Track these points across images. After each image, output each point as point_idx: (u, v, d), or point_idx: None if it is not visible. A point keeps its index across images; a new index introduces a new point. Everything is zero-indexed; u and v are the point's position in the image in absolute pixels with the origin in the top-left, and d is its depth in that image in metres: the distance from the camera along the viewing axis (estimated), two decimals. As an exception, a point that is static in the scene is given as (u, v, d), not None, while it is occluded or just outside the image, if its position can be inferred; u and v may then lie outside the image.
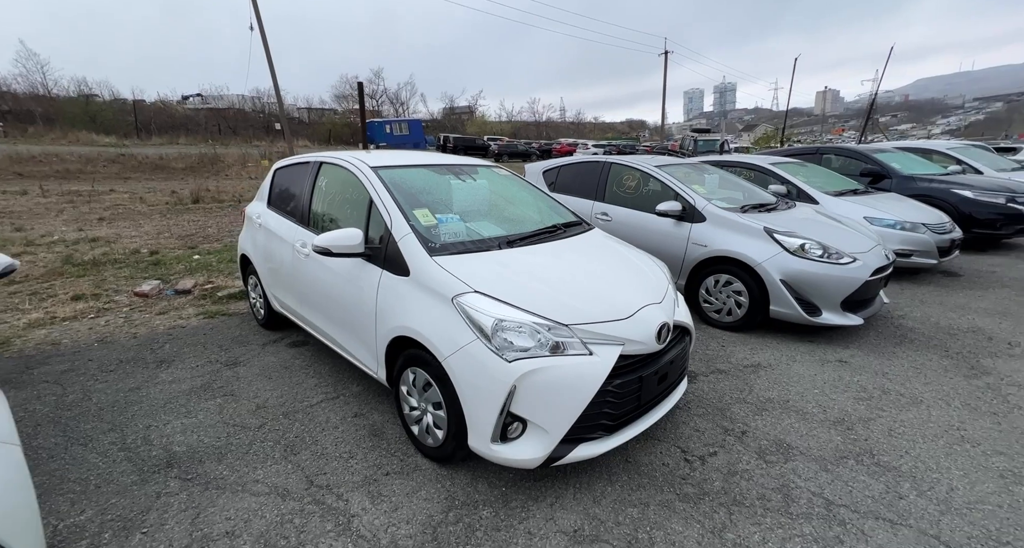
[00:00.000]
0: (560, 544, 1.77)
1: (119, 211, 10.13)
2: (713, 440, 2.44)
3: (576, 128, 72.28)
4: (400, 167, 2.81)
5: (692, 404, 2.79)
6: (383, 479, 2.12)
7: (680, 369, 2.42)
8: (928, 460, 2.26)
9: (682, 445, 2.40)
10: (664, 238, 4.26)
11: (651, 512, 1.94)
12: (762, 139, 40.86)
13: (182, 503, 1.97)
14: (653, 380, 2.13)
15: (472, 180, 3.00)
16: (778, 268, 3.60)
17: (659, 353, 2.17)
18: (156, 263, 5.99)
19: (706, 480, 2.14)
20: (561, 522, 1.88)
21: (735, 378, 3.11)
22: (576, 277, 2.29)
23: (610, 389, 1.93)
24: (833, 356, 3.43)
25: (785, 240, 3.66)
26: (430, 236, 2.33)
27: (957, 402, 2.80)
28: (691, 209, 4.12)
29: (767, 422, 2.60)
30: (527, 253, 2.42)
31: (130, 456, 2.29)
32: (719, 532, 1.84)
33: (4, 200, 11.01)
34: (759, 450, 2.35)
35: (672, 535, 1.82)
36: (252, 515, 1.90)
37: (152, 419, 2.61)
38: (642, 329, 2.06)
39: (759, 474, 2.18)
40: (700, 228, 4.05)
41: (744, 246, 3.77)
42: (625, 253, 2.75)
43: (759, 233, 3.76)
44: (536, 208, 3.12)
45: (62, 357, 3.44)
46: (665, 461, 2.27)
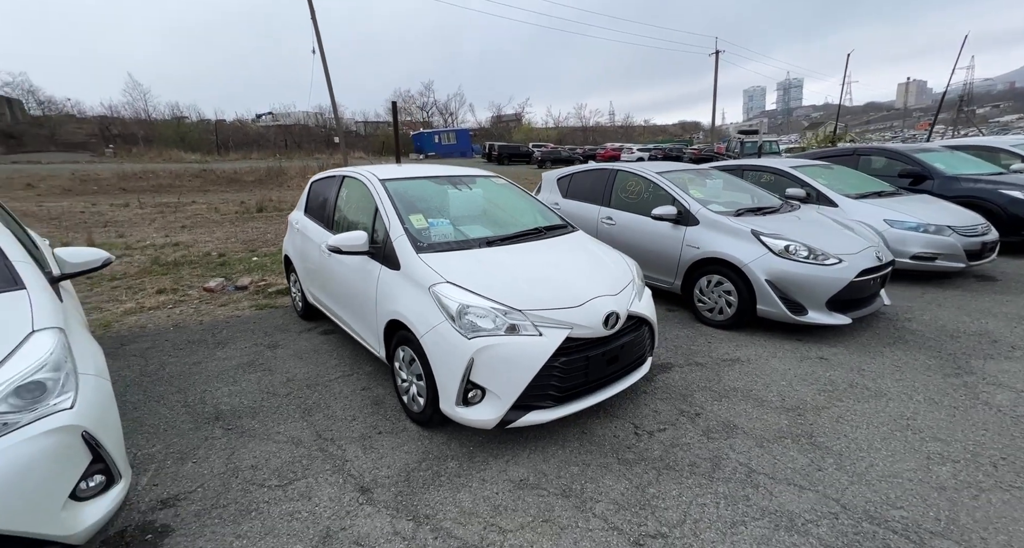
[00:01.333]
0: (506, 489, 2.17)
1: (197, 220, 11.52)
2: (667, 419, 2.73)
3: (624, 132, 71.49)
4: (405, 179, 3.33)
5: (659, 390, 3.07)
6: (375, 436, 2.61)
7: (637, 354, 2.74)
8: (862, 442, 2.44)
9: (636, 422, 2.71)
10: (662, 240, 4.51)
11: (590, 470, 2.29)
12: (819, 138, 38.51)
13: (223, 445, 2.55)
14: (601, 361, 2.47)
15: (468, 189, 3.47)
16: (764, 269, 3.77)
17: (609, 338, 2.51)
18: (222, 264, 6.92)
19: (647, 449, 2.45)
20: (511, 473, 2.27)
21: (709, 370, 3.34)
22: (540, 271, 2.68)
23: (556, 365, 2.31)
24: (815, 353, 3.56)
25: (771, 242, 3.83)
26: (420, 237, 2.81)
27: (920, 396, 2.90)
28: (686, 213, 4.36)
29: (723, 407, 2.84)
30: (502, 251, 2.84)
31: (189, 411, 2.92)
32: (643, 487, 2.16)
33: (111, 211, 12.79)
34: (706, 429, 2.62)
35: (602, 487, 2.16)
36: (272, 456, 2.44)
37: (207, 385, 3.26)
38: (590, 316, 2.42)
39: (697, 447, 2.45)
40: (694, 231, 4.28)
41: (732, 248, 3.97)
42: (596, 252, 3.10)
43: (747, 235, 3.95)
44: (524, 213, 3.53)
45: (146, 337, 4.23)
46: (616, 433, 2.60)
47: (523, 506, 2.05)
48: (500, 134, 53.81)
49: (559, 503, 2.07)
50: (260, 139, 43.01)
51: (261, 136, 44.44)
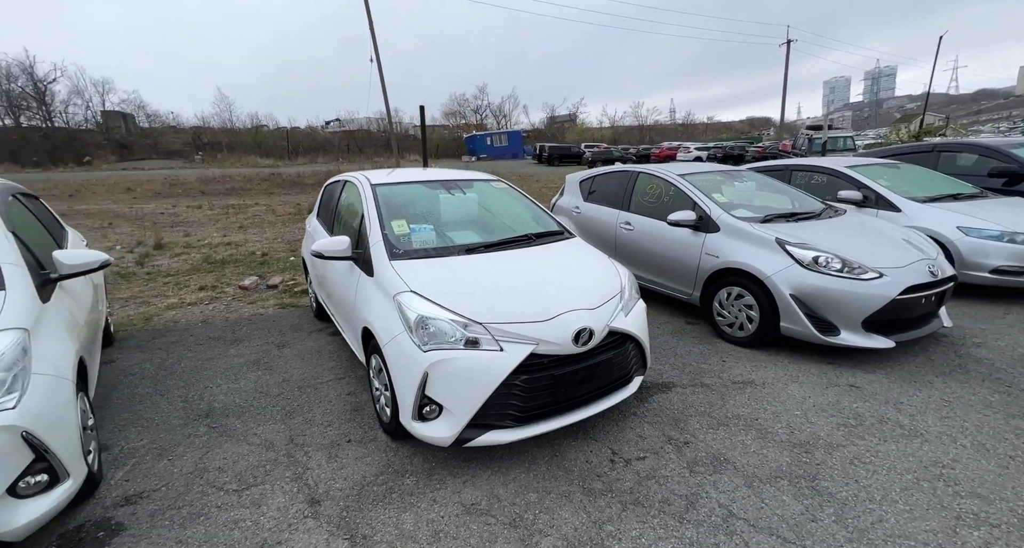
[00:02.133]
0: (453, 513, 2.05)
1: (255, 220, 12.33)
2: (650, 446, 2.48)
3: (685, 130, 68.33)
4: (396, 184, 3.29)
5: (651, 412, 2.82)
6: (344, 445, 2.57)
7: (620, 373, 2.52)
8: (876, 491, 2.08)
9: (615, 447, 2.48)
10: (680, 247, 4.19)
11: (549, 499, 2.11)
12: (901, 133, 34.60)
13: (201, 443, 2.62)
14: (571, 380, 2.29)
15: (462, 194, 3.38)
16: (788, 282, 3.38)
17: (581, 355, 2.32)
18: (263, 263, 7.32)
19: (619, 479, 2.23)
20: (465, 496, 2.15)
21: (714, 393, 3.03)
22: (513, 281, 2.53)
23: (516, 383, 2.16)
24: (845, 380, 3.13)
25: (797, 252, 3.42)
26: (397, 243, 2.75)
27: (967, 440, 2.44)
28: (706, 218, 4.01)
29: (718, 437, 2.55)
30: (481, 259, 2.72)
31: (186, 406, 3.05)
32: (601, 524, 1.95)
33: (186, 213, 14.01)
34: (691, 461, 2.35)
35: (556, 520, 1.99)
36: (240, 458, 2.47)
37: (210, 382, 3.39)
38: (559, 332, 2.24)
39: (676, 481, 2.20)
40: (714, 238, 3.93)
41: (754, 258, 3.59)
42: (584, 261, 2.90)
43: (771, 244, 3.55)
44: (517, 219, 3.38)
45: (176, 332, 4.52)
46: (590, 459, 2.39)
47: (464, 534, 1.92)
48: (552, 135, 53.45)
49: (504, 534, 1.92)
50: (326, 144, 45.61)
51: (327, 141, 47.12)
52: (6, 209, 2.51)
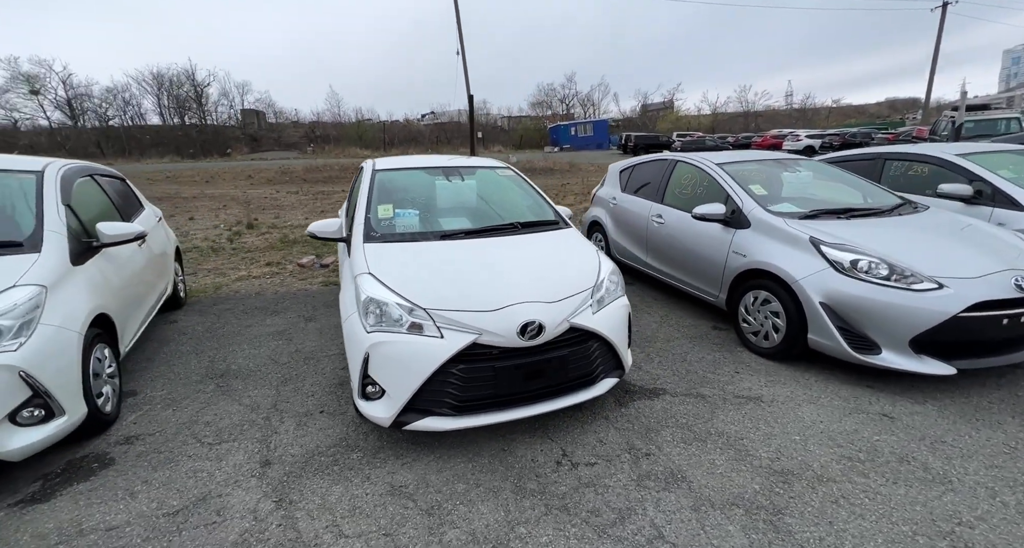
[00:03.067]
0: (378, 492, 2.08)
1: (336, 205, 13.41)
2: (606, 453, 2.31)
3: (802, 116, 60.40)
4: (397, 169, 3.38)
5: (625, 417, 2.62)
6: (316, 415, 2.73)
7: (580, 371, 2.37)
8: (849, 539, 1.73)
9: (569, 449, 2.35)
10: (708, 244, 3.80)
11: (475, 492, 2.06)
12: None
13: (204, 399, 2.94)
14: (516, 374, 2.20)
15: (460, 180, 3.37)
16: (819, 288, 2.91)
17: (529, 349, 2.21)
18: (325, 243, 7.95)
19: (557, 482, 2.11)
20: (398, 477, 2.17)
21: (706, 405, 2.73)
22: (474, 269, 2.48)
23: (453, 372, 2.12)
24: (878, 408, 2.65)
25: (833, 254, 2.93)
26: (377, 226, 2.82)
27: (1011, 497, 1.94)
28: (737, 213, 3.59)
29: (687, 452, 2.29)
30: (452, 246, 2.70)
31: (208, 366, 3.43)
32: (514, 524, 1.87)
33: (284, 197, 15.66)
34: (644, 474, 2.15)
35: (473, 513, 1.94)
36: (227, 416, 2.73)
37: (237, 346, 3.78)
38: (503, 323, 2.16)
39: (616, 492, 2.03)
40: (743, 235, 3.51)
41: (782, 258, 3.15)
42: (564, 253, 2.76)
43: (803, 243, 3.08)
44: (511, 207, 3.30)
45: (233, 300, 5.09)
46: (537, 457, 2.29)
47: (378, 513, 1.95)
48: (643, 124, 51.05)
49: (415, 520, 1.91)
50: (419, 136, 48.10)
51: (420, 133, 49.68)
52: (67, 187, 2.98)
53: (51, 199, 2.76)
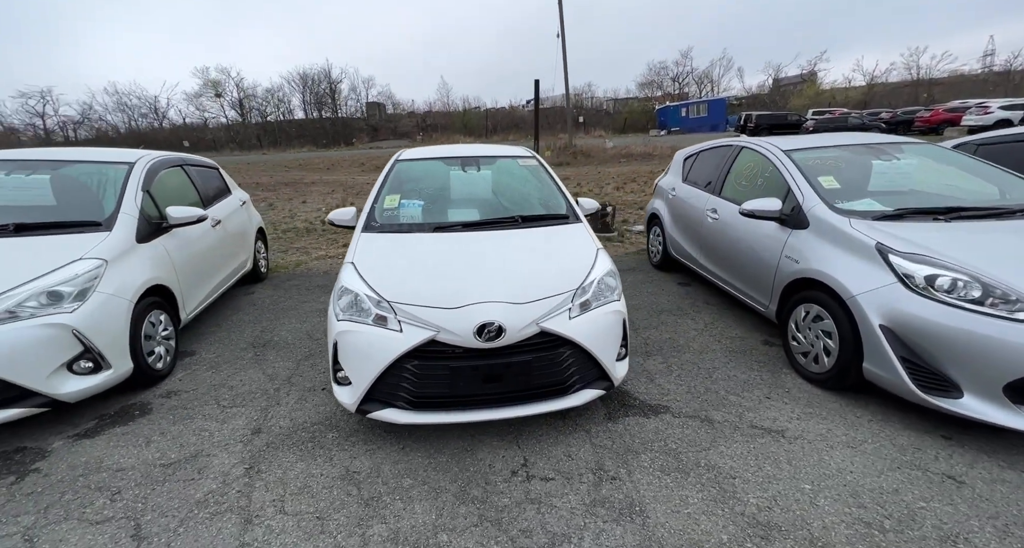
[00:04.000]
0: (332, 475, 2.16)
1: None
2: (569, 470, 2.13)
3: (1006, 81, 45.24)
4: (418, 159, 3.42)
5: (605, 433, 2.39)
6: (318, 391, 2.91)
7: (550, 379, 2.21)
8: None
9: (532, 459, 2.21)
10: (760, 245, 3.28)
11: (418, 490, 2.04)
12: None
13: (239, 365, 3.30)
14: (473, 376, 2.12)
15: (476, 171, 3.30)
16: (881, 307, 2.35)
17: (489, 351, 2.11)
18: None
19: (503, 493, 2.00)
20: (356, 463, 2.23)
21: (710, 432, 2.38)
22: (451, 264, 2.42)
23: (408, 367, 2.11)
24: (947, 468, 2.08)
25: (904, 266, 2.33)
26: (379, 217, 2.89)
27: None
28: (796, 209, 3.02)
29: (658, 484, 2.03)
30: (441, 239, 2.67)
31: (257, 335, 3.85)
32: (440, 529, 1.82)
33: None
34: (599, 499, 1.95)
35: (406, 511, 1.92)
36: (249, 382, 3.04)
37: (286, 319, 4.19)
38: (461, 322, 2.09)
39: (559, 515, 1.87)
40: (799, 237, 2.96)
41: (839, 267, 2.59)
42: (556, 251, 2.60)
43: (867, 251, 2.50)
44: (522, 199, 3.15)
45: (304, 277, 5.65)
46: (495, 463, 2.20)
47: (322, 496, 2.02)
48: (774, 101, 45.29)
49: (351, 508, 1.95)
50: (521, 122, 48.38)
51: (523, 119, 49.93)
52: (151, 176, 3.50)
53: (132, 186, 3.27)
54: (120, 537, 1.82)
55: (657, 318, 3.91)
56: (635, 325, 3.76)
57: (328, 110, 51.85)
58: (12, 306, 2.33)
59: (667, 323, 3.80)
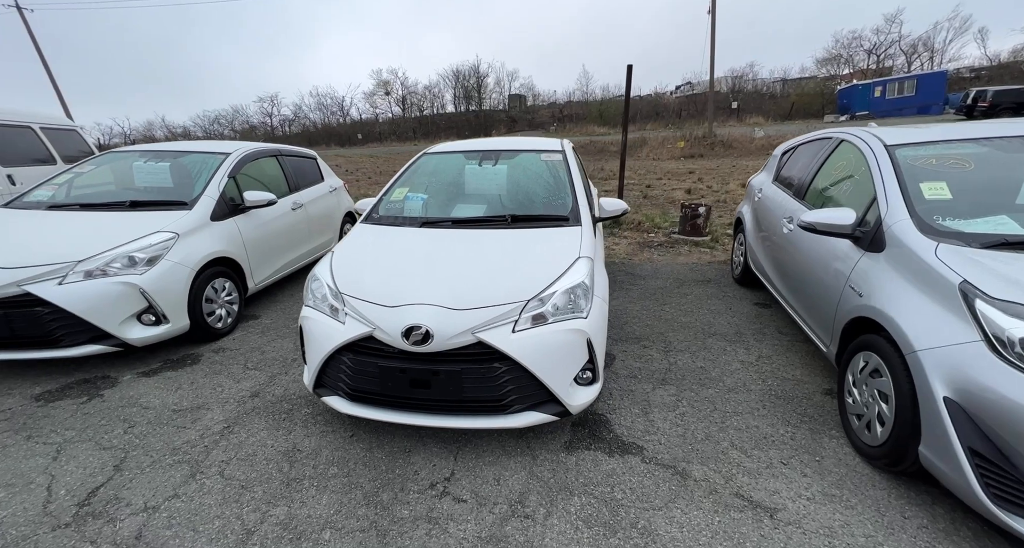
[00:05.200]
0: (277, 448, 2.30)
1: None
2: (488, 496, 1.96)
3: None
4: (440, 153, 3.42)
5: (551, 464, 2.13)
6: (324, 367, 3.14)
7: (478, 394, 2.04)
8: None
9: (460, 475, 2.08)
10: (828, 267, 2.58)
11: (336, 481, 2.07)
12: None
13: (283, 333, 3.72)
14: (401, 379, 2.06)
15: (492, 165, 3.16)
16: (950, 372, 1.65)
17: (419, 356, 2.03)
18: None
19: (408, 504, 1.93)
20: (305, 442, 2.34)
21: (673, 488, 1.96)
22: (415, 261, 2.39)
23: (344, 359, 2.15)
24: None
25: (996, 318, 1.59)
26: (381, 209, 2.97)
27: None
28: (876, 225, 2.28)
29: (570, 536, 1.74)
30: (422, 234, 2.64)
31: (313, 309, 4.30)
32: (327, 527, 1.82)
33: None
34: (496, 536, 1.75)
35: (312, 500, 1.96)
36: (276, 351, 3.40)
37: (343, 298, 4.59)
38: (392, 322, 2.04)
39: (445, 543, 1.73)
40: (870, 261, 2.23)
41: (906, 309, 1.89)
42: (527, 256, 2.38)
43: (948, 291, 1.76)
44: (526, 198, 2.96)
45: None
46: (421, 471, 2.12)
47: (259, 467, 2.17)
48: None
49: (272, 485, 2.06)
50: (663, 110, 45.24)
51: (665, 107, 46.65)
52: (240, 165, 4.10)
53: (221, 173, 3.88)
54: (107, 464, 2.21)
55: (701, 342, 3.35)
56: (669, 346, 3.28)
57: (474, 103, 55.16)
58: (101, 265, 2.95)
59: (710, 349, 3.23)
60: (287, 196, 4.65)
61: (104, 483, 2.09)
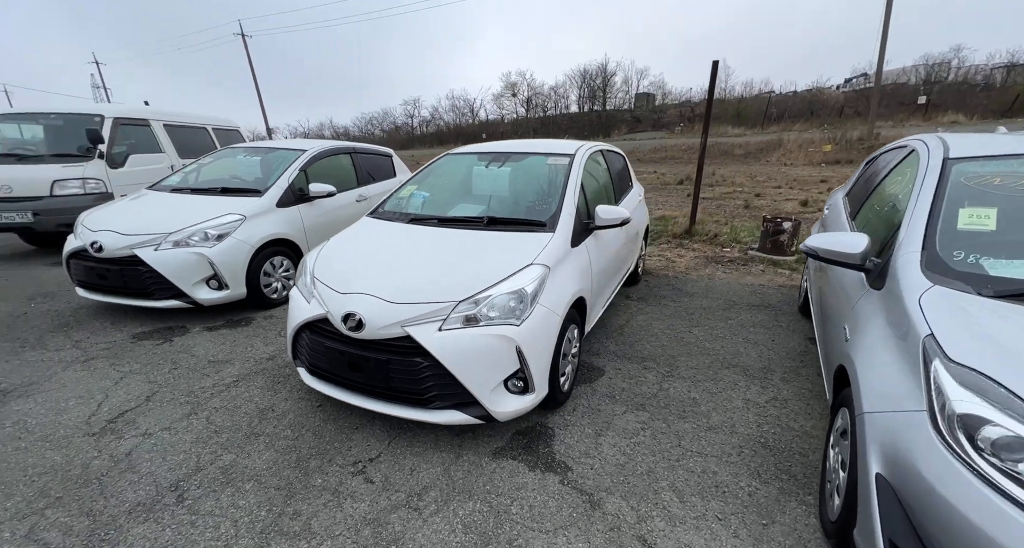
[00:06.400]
0: (259, 406, 2.65)
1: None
2: (396, 483, 2.05)
3: None
4: (458, 154, 3.56)
5: (466, 465, 2.14)
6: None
7: (401, 384, 2.15)
8: None
9: (385, 460, 2.20)
10: (836, 302, 2.16)
11: (279, 444, 2.34)
12: None
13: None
14: (340, 360, 2.25)
15: (496, 168, 3.21)
16: (889, 444, 1.32)
17: (354, 341, 2.19)
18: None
19: (326, 474, 2.11)
20: (280, 406, 2.65)
21: (577, 517, 1.85)
22: (385, 254, 2.59)
23: (304, 336, 2.41)
24: None
25: (947, 386, 1.21)
26: (389, 204, 3.20)
27: None
28: (887, 258, 1.85)
29: (447, 541, 1.75)
30: (402, 230, 2.82)
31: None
32: (252, 477, 2.08)
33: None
34: (378, 520, 1.85)
35: (256, 452, 2.25)
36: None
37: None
38: (338, 308, 2.22)
39: (333, 515, 1.87)
40: (866, 301, 1.84)
41: (869, 362, 1.54)
42: (481, 256, 2.40)
43: (913, 344, 1.38)
44: (514, 202, 3.01)
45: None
46: (354, 448, 2.28)
47: (236, 418, 2.53)
48: None
49: (235, 435, 2.38)
50: (819, 108, 39.53)
51: (823, 104, 40.73)
52: (312, 160, 4.72)
53: (293, 167, 4.50)
54: (143, 394, 2.77)
55: (713, 372, 3.01)
56: (672, 371, 3.01)
57: (598, 103, 54.42)
58: (184, 237, 3.67)
59: (718, 381, 2.89)
60: (353, 189, 5.20)
61: (133, 408, 2.64)
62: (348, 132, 59.97)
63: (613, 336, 3.56)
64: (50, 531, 1.84)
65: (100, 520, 1.88)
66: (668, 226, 7.20)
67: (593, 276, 2.82)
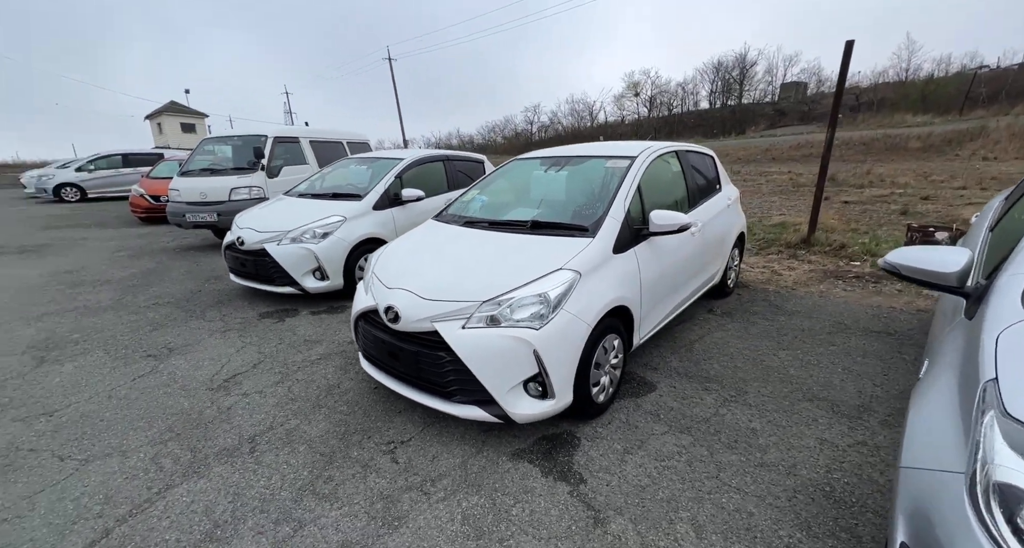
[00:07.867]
0: (323, 384, 3.03)
1: (754, 189, 12.10)
2: (416, 467, 2.19)
3: None
4: (523, 159, 3.63)
5: (483, 462, 2.18)
6: (409, 334, 3.82)
7: (428, 375, 2.29)
8: None
9: (415, 443, 2.37)
10: (936, 329, 1.74)
11: (335, 417, 2.64)
12: None
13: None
14: (382, 347, 2.47)
15: (555, 172, 3.20)
16: (919, 508, 1.05)
17: (393, 331, 2.39)
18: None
19: (362, 448, 2.34)
20: (342, 383, 3.00)
21: (574, 529, 1.79)
22: (429, 254, 2.77)
23: (360, 323, 2.69)
24: None
25: (993, 444, 0.92)
26: (452, 207, 3.40)
27: None
28: (988, 280, 1.45)
29: (446, 530, 1.83)
30: (460, 232, 2.94)
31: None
32: (300, 442, 2.40)
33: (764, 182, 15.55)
34: (389, 498, 2.00)
35: (308, 419, 2.58)
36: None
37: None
38: (383, 301, 2.45)
39: (354, 487, 2.08)
40: (953, 330, 1.45)
41: (929, 407, 1.22)
42: (519, 260, 2.45)
43: (970, 389, 1.06)
44: (564, 206, 3.01)
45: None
46: (392, 429, 2.48)
47: (301, 389, 2.91)
48: None
49: (298, 404, 2.77)
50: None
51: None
52: (409, 167, 5.18)
53: (391, 174, 4.99)
54: (252, 362, 3.34)
55: (789, 403, 2.63)
56: (738, 396, 2.71)
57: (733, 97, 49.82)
58: (298, 235, 4.34)
59: (793, 414, 2.53)
60: (443, 194, 5.57)
61: (243, 372, 3.21)
62: (472, 140, 63.88)
63: (680, 351, 3.30)
64: (166, 458, 2.34)
65: (198, 456, 2.34)
66: (783, 233, 6.35)
67: (643, 285, 2.66)
